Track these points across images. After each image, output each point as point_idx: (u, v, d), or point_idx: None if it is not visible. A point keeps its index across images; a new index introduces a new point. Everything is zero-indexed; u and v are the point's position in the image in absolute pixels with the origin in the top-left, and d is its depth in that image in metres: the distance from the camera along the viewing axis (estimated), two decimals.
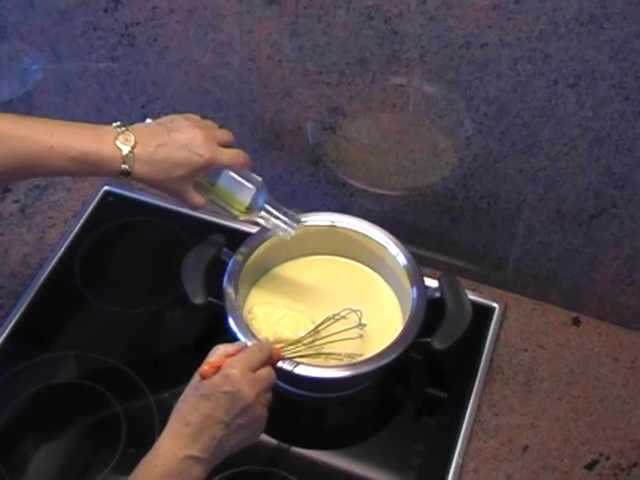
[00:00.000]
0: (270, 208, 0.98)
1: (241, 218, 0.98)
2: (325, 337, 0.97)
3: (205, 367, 0.81)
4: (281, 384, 0.99)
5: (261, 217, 0.99)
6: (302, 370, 0.92)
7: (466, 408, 1.02)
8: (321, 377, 0.93)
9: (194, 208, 0.94)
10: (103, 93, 1.19)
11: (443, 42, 0.90)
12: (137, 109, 1.19)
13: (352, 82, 1.00)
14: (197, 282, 0.99)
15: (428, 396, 1.04)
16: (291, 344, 0.95)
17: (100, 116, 1.22)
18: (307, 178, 1.16)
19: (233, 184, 0.96)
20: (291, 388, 1.00)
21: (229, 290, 0.99)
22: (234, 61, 1.05)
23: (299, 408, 1.04)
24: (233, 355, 0.84)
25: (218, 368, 0.82)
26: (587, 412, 1.03)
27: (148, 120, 0.94)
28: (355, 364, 0.94)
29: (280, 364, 0.91)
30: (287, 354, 0.92)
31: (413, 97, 0.98)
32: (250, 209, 0.97)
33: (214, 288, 1.00)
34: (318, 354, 0.96)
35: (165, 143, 0.89)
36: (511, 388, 1.05)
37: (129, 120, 1.23)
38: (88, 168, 0.87)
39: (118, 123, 0.90)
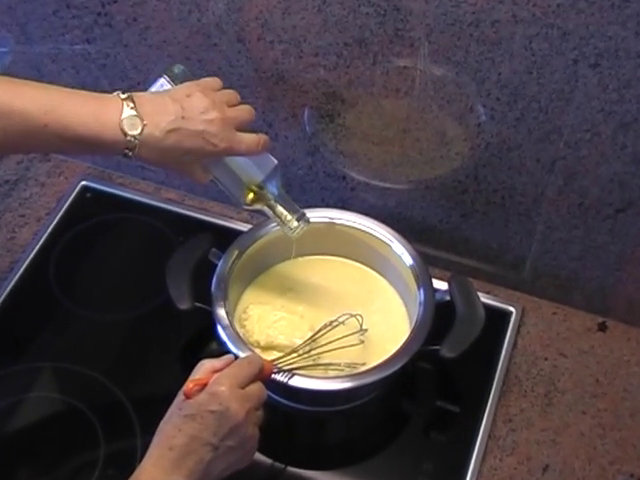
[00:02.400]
0: (279, 200, 0.96)
1: (246, 206, 0.97)
2: (322, 346, 0.97)
3: (189, 385, 0.81)
4: (276, 397, 0.99)
5: (268, 206, 0.96)
6: (299, 382, 0.92)
7: (480, 423, 1.02)
8: (320, 389, 0.93)
9: (198, 183, 0.92)
10: (79, 78, 1.19)
11: (450, 19, 0.90)
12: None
13: (351, 65, 1.00)
14: (183, 286, 0.99)
15: (438, 409, 1.04)
16: (285, 355, 0.94)
17: None
18: (303, 171, 1.15)
19: (242, 167, 0.94)
20: (287, 401, 1.00)
21: (218, 295, 0.99)
22: (221, 43, 1.04)
23: (296, 423, 1.04)
24: (220, 371, 0.83)
25: (204, 385, 0.81)
26: (615, 427, 1.03)
27: (163, 82, 0.91)
28: (357, 375, 0.94)
29: (275, 376, 0.90)
30: (281, 366, 0.92)
31: (418, 80, 0.98)
32: (257, 197, 0.95)
33: (202, 292, 0.99)
34: (315, 365, 0.96)
35: (177, 128, 0.85)
36: (530, 401, 1.05)
37: None
38: (86, 149, 0.85)
39: (124, 95, 0.85)
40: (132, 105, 0.84)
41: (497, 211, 1.08)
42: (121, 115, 0.83)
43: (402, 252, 1.04)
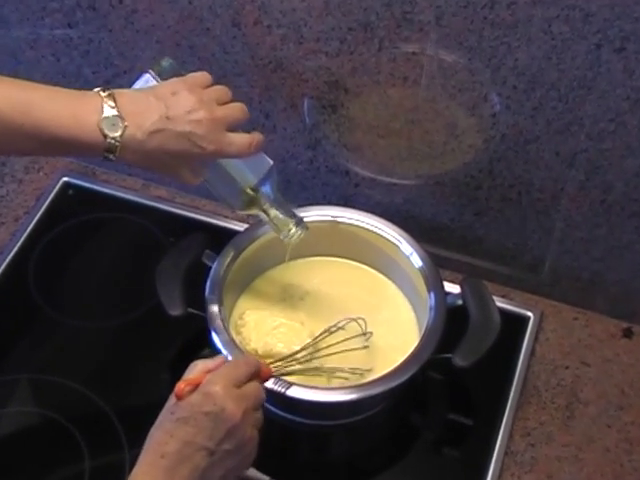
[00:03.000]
0: (275, 204, 0.96)
1: (240, 211, 0.97)
2: (323, 349, 0.97)
3: (181, 385, 0.80)
4: (273, 409, 0.99)
5: (263, 211, 0.96)
6: (298, 392, 0.92)
7: (496, 437, 1.02)
8: (321, 401, 0.92)
9: (187, 184, 0.92)
10: (59, 66, 1.19)
11: (463, 1, 0.90)
12: (101, 85, 1.16)
13: (355, 51, 1.00)
14: (175, 290, 0.99)
15: (450, 423, 1.04)
16: (283, 359, 0.94)
17: None
18: (304, 165, 1.16)
19: (234, 169, 0.94)
20: (285, 414, 1.00)
21: (212, 299, 0.99)
22: (215, 27, 1.05)
23: (296, 438, 1.04)
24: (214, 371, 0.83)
25: (196, 386, 0.81)
26: None
27: (148, 77, 0.91)
28: (362, 385, 0.94)
29: (272, 385, 0.90)
30: (279, 371, 0.92)
31: (428, 68, 0.98)
32: (252, 201, 0.95)
33: (195, 297, 0.99)
34: (316, 370, 0.96)
35: (161, 129, 0.85)
36: (549, 413, 1.05)
37: None
38: (65, 151, 0.86)
39: (105, 93, 0.85)
40: (113, 104, 0.84)
41: (513, 208, 1.08)
42: (101, 115, 0.83)
43: (411, 253, 1.04)
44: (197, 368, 0.83)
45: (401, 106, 1.03)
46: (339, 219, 1.07)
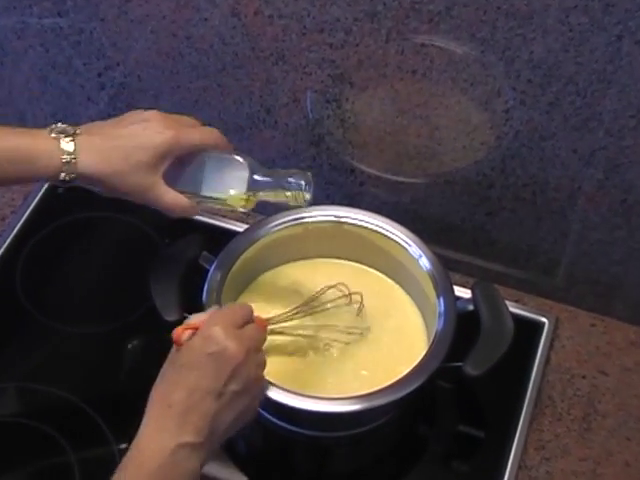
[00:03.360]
0: (273, 185, 0.94)
1: (240, 209, 0.97)
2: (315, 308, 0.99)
3: (179, 330, 0.82)
4: (273, 419, 0.99)
5: (267, 196, 0.95)
6: (299, 402, 0.91)
7: (508, 451, 1.02)
8: (324, 411, 0.92)
9: (171, 211, 0.92)
10: (48, 57, 1.19)
11: None
12: (92, 77, 1.19)
13: (361, 43, 1.00)
14: (170, 294, 0.98)
15: (460, 435, 1.04)
16: (276, 321, 0.96)
17: (46, 86, 1.23)
18: (306, 163, 1.16)
19: (216, 172, 0.93)
20: (286, 425, 1.00)
21: (210, 304, 0.98)
22: (213, 17, 1.05)
23: (295, 450, 1.04)
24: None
25: (195, 331, 0.82)
26: None
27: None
28: (367, 395, 0.93)
29: (271, 395, 0.90)
30: (273, 326, 0.95)
31: (438, 60, 0.98)
32: (248, 197, 0.94)
33: (192, 301, 0.99)
34: (311, 331, 0.99)
35: (115, 126, 0.88)
36: (566, 425, 1.05)
37: (82, 91, 1.22)
38: (15, 168, 0.86)
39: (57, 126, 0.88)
40: (61, 125, 0.88)
41: (527, 208, 1.08)
42: (51, 129, 0.87)
43: (419, 255, 1.03)
44: (191, 318, 0.85)
45: (409, 101, 1.03)
46: (343, 219, 1.07)
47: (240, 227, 1.11)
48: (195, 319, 0.85)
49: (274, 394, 0.91)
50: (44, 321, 1.13)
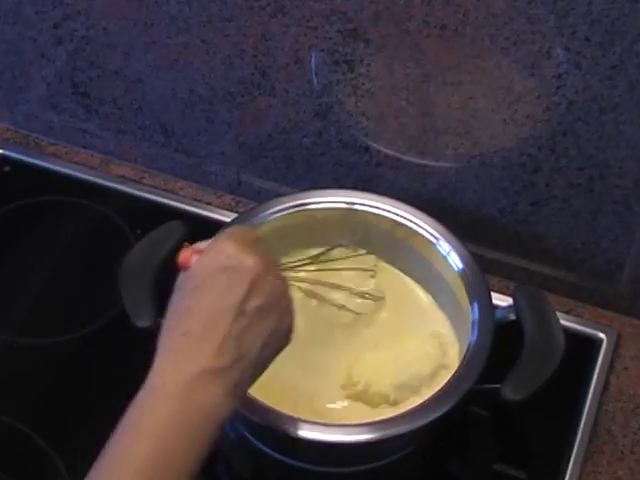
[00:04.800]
0: None
1: None
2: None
3: (186, 253, 0.84)
4: (274, 453, 1.00)
5: None
6: (305, 431, 0.92)
7: None
8: (334, 441, 0.92)
9: None
10: None
11: None
12: (47, 29, 1.19)
13: None
14: (142, 295, 0.99)
15: (497, 475, 1.04)
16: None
17: None
18: (311, 139, 1.16)
19: None
20: (289, 459, 1.01)
21: None
22: None
23: None
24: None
25: (199, 254, 0.84)
26: None
27: None
28: (385, 422, 0.93)
29: (265, 420, 0.91)
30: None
31: (473, 14, 0.98)
32: None
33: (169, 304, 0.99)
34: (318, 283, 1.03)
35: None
36: (629, 466, 1.05)
37: (35, 46, 1.22)
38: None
39: None
40: None
41: (583, 197, 1.08)
42: None
43: (448, 251, 1.04)
44: (195, 245, 0.87)
45: (438, 63, 1.03)
46: (356, 206, 1.08)
47: (228, 216, 1.11)
48: (200, 244, 0.86)
49: (269, 418, 0.91)
50: None
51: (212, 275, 0.82)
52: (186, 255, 0.84)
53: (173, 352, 0.80)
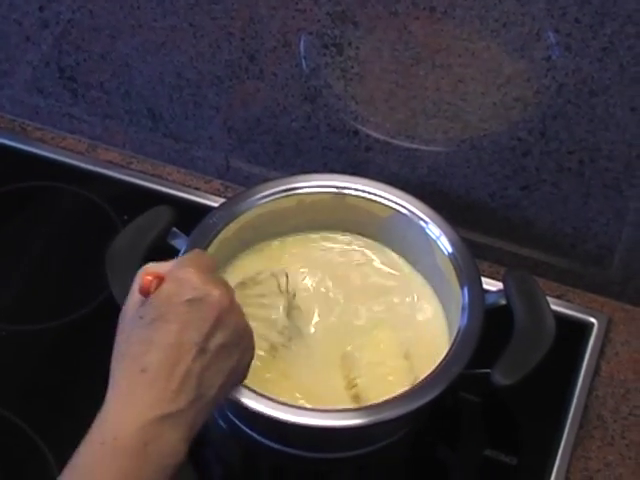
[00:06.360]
0: None
1: None
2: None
3: (147, 278, 0.81)
4: (260, 438, 1.00)
5: None
6: (292, 416, 0.91)
7: None
8: (322, 426, 0.92)
9: None
10: None
11: None
12: (32, 12, 1.19)
13: None
14: (130, 280, 0.95)
15: (487, 461, 1.04)
16: None
17: None
18: (299, 123, 1.16)
19: None
20: (276, 444, 1.01)
21: None
22: None
23: (287, 474, 1.05)
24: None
25: (162, 279, 0.82)
26: None
27: None
28: (373, 407, 0.93)
29: (251, 404, 0.91)
30: None
31: None
32: None
33: None
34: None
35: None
36: (619, 452, 1.05)
37: (20, 29, 1.21)
38: None
39: None
40: None
41: (573, 182, 1.08)
42: None
43: (439, 235, 1.04)
44: (151, 266, 0.84)
45: (427, 46, 1.03)
46: (345, 191, 1.08)
47: (217, 201, 1.10)
48: (158, 267, 0.84)
49: (255, 403, 0.91)
50: None
51: (176, 306, 0.80)
52: (148, 280, 0.81)
53: (128, 392, 0.77)
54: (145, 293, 0.81)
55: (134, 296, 0.82)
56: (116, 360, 0.80)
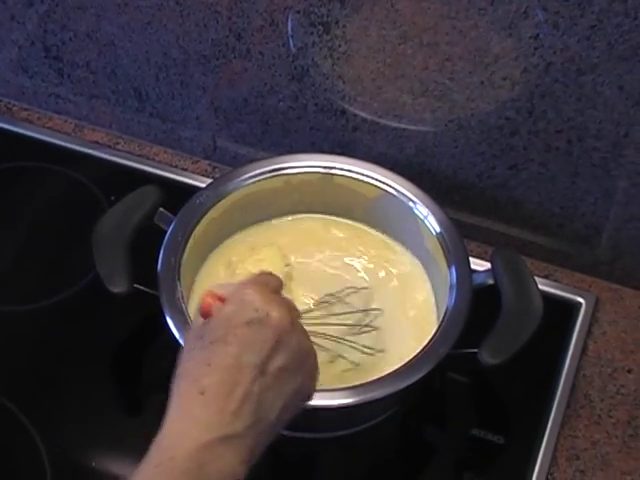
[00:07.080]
0: None
1: None
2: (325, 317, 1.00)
3: (207, 299, 0.82)
4: None
5: None
6: None
7: (534, 461, 1.02)
8: (309, 406, 0.90)
9: None
10: None
11: None
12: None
13: None
14: (117, 261, 0.99)
15: (475, 440, 1.04)
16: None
17: None
18: (286, 103, 1.16)
19: None
20: None
21: (167, 273, 0.99)
22: None
23: (277, 455, 1.02)
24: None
25: (223, 301, 0.82)
26: None
27: None
28: (362, 386, 0.93)
29: None
30: None
31: None
32: None
33: (145, 269, 0.99)
34: (321, 337, 0.98)
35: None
36: (606, 430, 1.05)
37: (4, 8, 1.21)
38: None
39: None
40: None
41: (561, 161, 1.08)
42: None
43: (426, 215, 1.04)
44: (214, 287, 0.84)
45: (414, 24, 1.03)
46: (333, 171, 1.08)
47: (204, 181, 1.10)
48: (220, 289, 0.84)
49: None
50: None
51: (235, 328, 0.80)
52: (208, 301, 0.82)
53: (186, 413, 0.77)
54: (205, 315, 0.82)
55: (198, 316, 0.83)
56: (176, 380, 0.80)
